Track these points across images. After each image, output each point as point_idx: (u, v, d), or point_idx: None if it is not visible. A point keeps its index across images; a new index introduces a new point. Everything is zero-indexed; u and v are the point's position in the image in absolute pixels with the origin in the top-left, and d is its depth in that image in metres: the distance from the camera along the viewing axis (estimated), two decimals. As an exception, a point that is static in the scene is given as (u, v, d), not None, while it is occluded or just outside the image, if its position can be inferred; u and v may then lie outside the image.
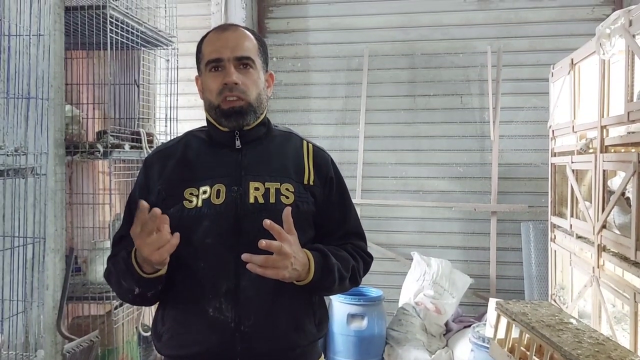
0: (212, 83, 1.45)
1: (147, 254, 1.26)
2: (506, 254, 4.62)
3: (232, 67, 1.43)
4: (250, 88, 1.45)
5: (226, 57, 1.43)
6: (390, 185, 4.86)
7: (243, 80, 1.44)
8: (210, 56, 1.45)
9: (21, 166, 1.90)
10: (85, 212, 3.28)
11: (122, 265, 1.38)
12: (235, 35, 1.47)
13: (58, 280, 2.52)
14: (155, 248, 1.26)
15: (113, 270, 1.45)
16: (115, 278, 1.43)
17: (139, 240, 1.26)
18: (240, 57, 1.44)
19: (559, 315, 2.67)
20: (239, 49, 1.45)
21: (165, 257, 1.28)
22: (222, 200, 1.42)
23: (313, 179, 1.53)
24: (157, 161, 1.54)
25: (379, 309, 4.08)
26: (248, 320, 1.40)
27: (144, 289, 1.39)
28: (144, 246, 1.26)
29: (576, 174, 3.25)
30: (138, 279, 1.35)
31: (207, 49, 1.48)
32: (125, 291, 1.41)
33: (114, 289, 1.48)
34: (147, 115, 3.64)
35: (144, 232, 1.25)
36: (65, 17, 2.69)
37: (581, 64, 3.24)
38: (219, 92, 1.44)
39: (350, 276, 1.51)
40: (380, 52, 4.89)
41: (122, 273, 1.38)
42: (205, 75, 1.48)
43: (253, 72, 1.47)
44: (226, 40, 1.46)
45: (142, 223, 1.24)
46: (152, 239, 1.25)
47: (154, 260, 1.27)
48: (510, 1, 4.72)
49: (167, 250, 1.27)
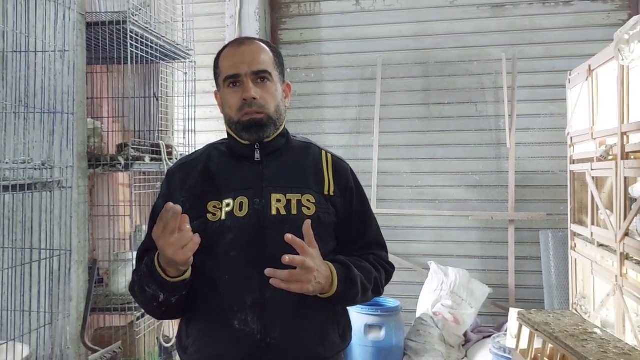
0: (231, 99, 1.47)
1: (171, 254, 1.26)
2: (525, 263, 4.58)
3: (250, 82, 1.44)
4: (268, 101, 1.47)
5: (243, 72, 1.44)
6: (405, 194, 4.85)
7: (261, 94, 1.45)
8: (227, 72, 1.47)
9: (48, 180, 1.93)
10: (106, 224, 3.31)
11: (146, 271, 1.37)
12: (251, 50, 1.48)
13: (82, 291, 2.54)
14: (178, 247, 1.26)
15: (137, 280, 1.44)
16: (139, 286, 1.42)
17: (162, 240, 1.26)
18: (257, 72, 1.45)
19: (583, 325, 2.64)
20: (256, 64, 1.46)
21: (189, 257, 1.29)
22: (245, 212, 1.43)
23: (333, 189, 1.53)
24: (180, 173, 1.55)
25: (397, 320, 4.05)
26: (274, 332, 1.40)
27: (169, 294, 1.38)
28: (168, 246, 1.26)
29: (596, 181, 3.22)
30: (162, 283, 1.35)
31: (225, 64, 1.49)
32: (150, 299, 1.40)
33: (139, 300, 1.47)
34: (166, 127, 3.68)
35: (167, 232, 1.25)
36: (87, 33, 2.73)
37: (599, 70, 3.22)
38: (239, 108, 1.45)
39: (373, 287, 1.51)
40: (394, 61, 4.90)
41: (146, 279, 1.38)
42: (224, 90, 1.49)
43: (270, 85, 1.48)
44: (242, 55, 1.47)
45: (165, 223, 1.25)
46: (175, 238, 1.25)
47: (178, 260, 1.27)
48: (524, 8, 4.71)
49: (190, 249, 1.27)
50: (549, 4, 4.67)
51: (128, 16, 2.79)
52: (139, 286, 1.42)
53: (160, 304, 1.39)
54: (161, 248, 1.27)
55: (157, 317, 1.57)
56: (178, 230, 1.26)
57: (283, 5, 5.14)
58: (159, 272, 1.34)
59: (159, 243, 1.27)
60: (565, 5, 4.65)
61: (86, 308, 2.53)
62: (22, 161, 1.89)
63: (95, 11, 3.02)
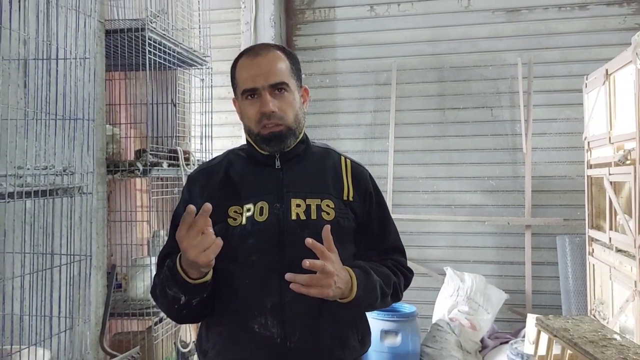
0: (249, 111, 1.47)
1: (194, 256, 1.26)
2: (542, 269, 4.54)
3: (268, 94, 1.44)
4: (287, 112, 1.47)
5: (260, 85, 1.44)
6: (421, 199, 4.84)
7: (279, 105, 1.45)
8: (245, 85, 1.46)
9: (69, 185, 1.95)
10: (123, 230, 3.33)
11: (168, 274, 1.38)
12: (267, 60, 1.47)
13: (100, 297, 2.56)
14: (201, 249, 1.26)
15: (158, 283, 1.45)
16: (160, 289, 1.42)
17: (185, 242, 1.27)
18: (274, 84, 1.45)
19: (602, 331, 2.61)
20: (272, 75, 1.45)
21: (212, 259, 1.29)
22: (266, 217, 1.44)
23: (352, 194, 1.54)
24: (201, 178, 1.56)
25: (413, 325, 4.04)
26: (294, 336, 1.40)
27: (190, 296, 1.38)
28: (191, 248, 1.26)
29: (614, 185, 3.20)
30: (184, 285, 1.35)
31: (241, 76, 1.49)
32: (171, 301, 1.40)
33: (160, 302, 1.47)
34: (183, 133, 3.71)
35: (191, 233, 1.26)
36: (105, 40, 2.77)
37: (616, 74, 3.20)
38: (258, 120, 1.45)
39: (392, 292, 1.51)
40: (409, 66, 4.90)
41: (167, 281, 1.38)
42: (242, 102, 1.49)
43: (288, 95, 1.47)
44: (259, 67, 1.46)
45: (189, 225, 1.26)
46: (198, 240, 1.26)
47: (201, 262, 1.27)
48: (539, 12, 4.69)
49: (213, 251, 1.28)
50: (564, 8, 4.65)
51: (147, 23, 2.82)
52: (161, 289, 1.42)
53: (181, 306, 1.40)
54: (184, 249, 1.28)
55: (178, 320, 1.58)
56: (201, 232, 1.27)
57: (298, 11, 5.17)
58: (181, 274, 1.34)
59: (182, 244, 1.28)
60: (581, 9, 4.62)
61: (105, 313, 2.55)
62: (44, 167, 1.92)
63: (113, 19, 3.06)
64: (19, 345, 1.84)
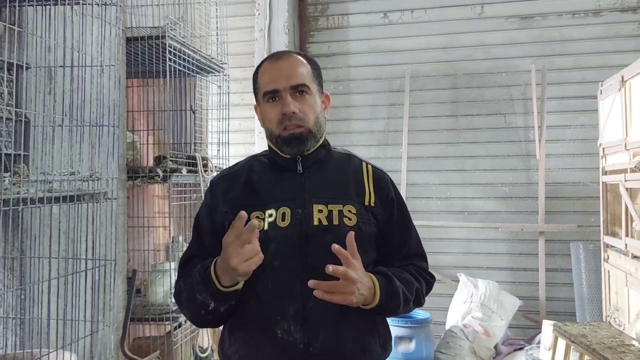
0: (270, 113, 1.49)
1: (236, 263, 1.27)
2: (555, 275, 4.52)
3: (289, 96, 1.46)
4: (308, 114, 1.49)
5: (282, 87, 1.46)
6: (434, 206, 4.84)
7: (300, 107, 1.47)
8: (266, 87, 1.49)
9: (95, 191, 1.98)
10: (142, 235, 3.36)
11: (198, 278, 1.38)
12: (289, 64, 1.50)
13: (121, 301, 2.59)
14: (245, 259, 1.27)
15: (184, 287, 1.45)
16: (188, 294, 1.42)
17: (230, 248, 1.27)
18: (295, 86, 1.47)
19: (620, 337, 2.61)
20: (294, 78, 1.48)
21: (252, 270, 1.30)
22: (288, 223, 1.45)
23: (374, 200, 1.55)
24: (222, 183, 1.58)
25: (427, 332, 4.03)
26: (316, 342, 1.41)
27: (219, 303, 1.39)
28: (235, 255, 1.26)
29: (630, 192, 3.19)
30: (215, 292, 1.36)
31: (263, 79, 1.51)
32: (199, 306, 1.40)
33: (185, 307, 1.47)
34: (201, 139, 3.74)
35: (237, 242, 1.27)
36: (126, 48, 2.80)
37: (632, 81, 3.20)
38: (279, 122, 1.47)
39: (414, 298, 1.52)
40: (422, 73, 4.91)
41: (197, 286, 1.38)
42: (264, 105, 1.51)
43: (309, 98, 1.50)
44: (280, 70, 1.48)
45: (238, 232, 1.27)
46: (246, 249, 1.27)
47: (241, 271, 1.28)
48: (553, 19, 4.69)
49: (255, 262, 1.29)
50: (578, 14, 4.65)
51: (167, 31, 2.85)
52: (189, 294, 1.42)
53: (208, 312, 1.41)
54: (228, 255, 1.28)
55: (201, 324, 1.58)
56: (248, 242, 1.28)
57: (311, 18, 5.20)
58: (213, 280, 1.35)
59: (227, 250, 1.28)
60: (595, 16, 4.62)
61: (126, 318, 2.58)
62: (70, 173, 1.95)
63: (134, 26, 3.09)
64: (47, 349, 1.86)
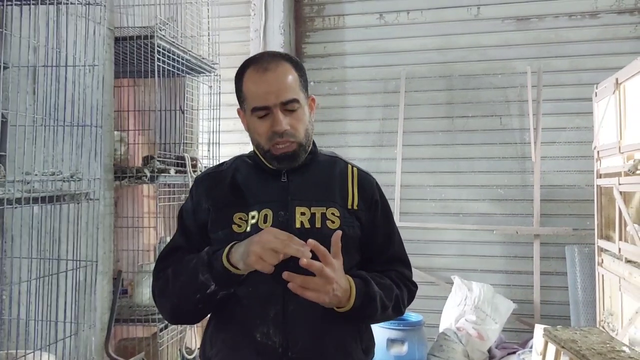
0: (259, 128, 1.45)
1: (269, 257, 1.25)
2: (550, 279, 4.50)
3: (280, 112, 1.42)
4: (298, 129, 1.45)
5: (272, 103, 1.41)
6: (429, 207, 4.82)
7: (291, 122, 1.43)
8: (255, 103, 1.43)
9: (76, 192, 1.96)
10: (130, 236, 3.34)
11: (206, 259, 1.36)
12: (277, 75, 1.43)
13: (106, 302, 2.57)
14: (274, 262, 1.26)
15: (176, 274, 1.42)
16: (188, 277, 1.39)
17: (274, 244, 1.25)
18: (286, 102, 1.42)
19: (611, 343, 2.59)
20: (284, 93, 1.42)
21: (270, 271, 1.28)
22: (270, 225, 1.43)
23: (357, 203, 1.52)
24: (207, 181, 1.56)
25: (420, 334, 4.01)
26: (295, 346, 1.39)
27: (222, 286, 1.37)
28: (272, 255, 1.25)
29: (624, 195, 3.17)
30: (222, 273, 1.33)
31: (250, 90, 1.45)
32: (196, 290, 1.37)
33: (174, 295, 1.43)
34: (190, 140, 3.72)
35: (280, 251, 1.25)
36: (115, 47, 2.79)
37: (627, 83, 3.18)
38: (269, 137, 1.43)
39: (393, 305, 1.49)
40: (418, 74, 4.89)
41: (201, 267, 1.36)
42: (251, 118, 1.46)
43: (299, 111, 1.45)
44: (269, 83, 1.42)
45: (286, 245, 1.25)
46: (276, 257, 1.26)
47: (261, 267, 1.26)
48: (549, 21, 4.67)
49: (266, 269, 1.27)
50: (575, 16, 4.63)
51: (155, 31, 2.84)
52: (187, 277, 1.39)
53: (203, 296, 1.37)
54: (262, 247, 1.26)
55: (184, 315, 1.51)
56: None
57: (307, 19, 5.18)
58: (224, 259, 1.33)
59: (270, 242, 1.26)
60: (592, 18, 4.60)
61: (110, 318, 2.56)
62: (51, 173, 1.93)
63: (122, 26, 3.08)
64: (24, 350, 1.85)
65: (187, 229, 1.53)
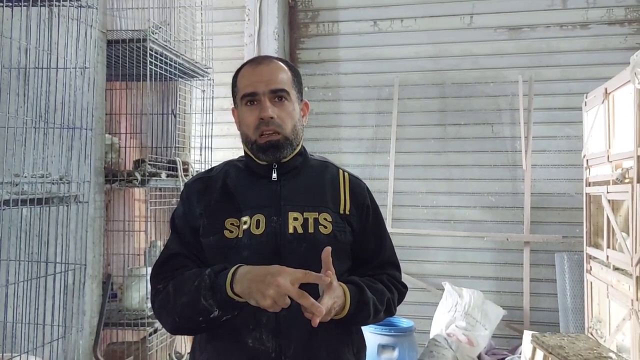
0: (248, 117, 1.47)
1: (264, 297, 1.22)
2: (540, 285, 4.52)
3: (268, 100, 1.44)
4: (285, 121, 1.46)
5: (261, 91, 1.44)
6: (420, 214, 4.84)
7: (278, 113, 1.45)
8: (245, 90, 1.46)
9: (65, 194, 1.96)
10: (121, 239, 3.33)
11: (208, 283, 1.32)
12: (269, 68, 1.48)
13: (95, 306, 2.56)
14: (282, 304, 1.22)
15: (176, 291, 1.38)
16: (190, 298, 1.34)
17: (285, 288, 1.21)
18: (275, 90, 1.45)
19: (597, 349, 2.60)
20: (274, 82, 1.45)
21: (277, 310, 1.25)
22: (262, 230, 1.43)
23: (349, 208, 1.53)
24: (197, 186, 1.55)
25: (410, 340, 4.01)
26: (288, 351, 1.39)
27: (225, 312, 1.33)
28: (281, 296, 1.21)
29: (612, 204, 3.19)
30: (226, 301, 1.30)
31: (242, 82, 1.49)
32: (198, 313, 1.33)
33: (175, 313, 1.39)
34: (183, 144, 3.72)
35: (292, 294, 1.22)
36: (107, 50, 2.79)
37: (615, 93, 3.21)
38: (256, 126, 1.45)
39: (385, 308, 1.50)
40: (411, 81, 4.92)
41: (205, 291, 1.32)
42: (242, 109, 1.49)
43: (288, 105, 1.47)
44: (260, 74, 1.46)
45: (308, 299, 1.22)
46: (285, 301, 1.23)
47: (268, 305, 1.23)
48: (541, 31, 4.71)
49: (272, 308, 1.24)
50: (566, 27, 4.67)
51: (148, 34, 2.84)
52: (191, 299, 1.35)
53: (206, 319, 1.34)
54: (278, 293, 1.22)
55: (186, 331, 1.52)
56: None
57: (302, 25, 5.20)
58: (227, 286, 1.30)
59: (286, 289, 1.21)
60: (583, 28, 4.65)
61: (99, 322, 2.55)
62: (41, 175, 1.93)
63: (116, 29, 3.08)
64: (10, 353, 1.84)
65: (181, 234, 1.52)
